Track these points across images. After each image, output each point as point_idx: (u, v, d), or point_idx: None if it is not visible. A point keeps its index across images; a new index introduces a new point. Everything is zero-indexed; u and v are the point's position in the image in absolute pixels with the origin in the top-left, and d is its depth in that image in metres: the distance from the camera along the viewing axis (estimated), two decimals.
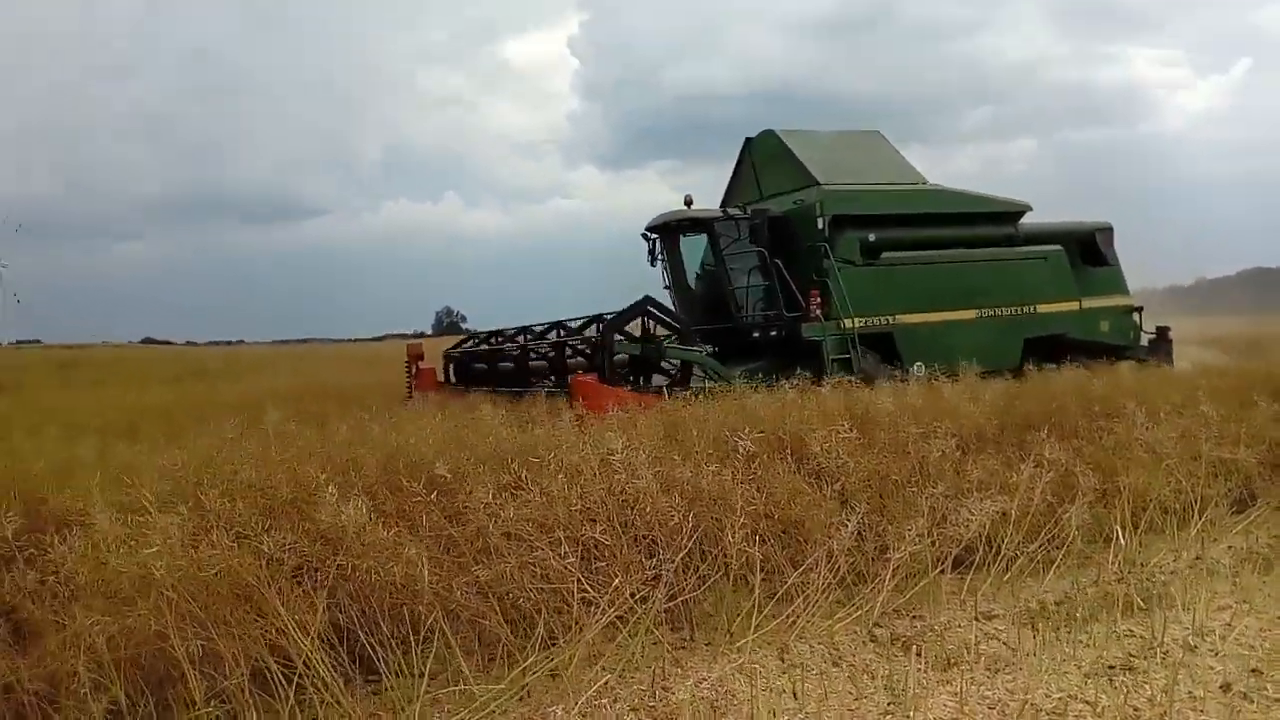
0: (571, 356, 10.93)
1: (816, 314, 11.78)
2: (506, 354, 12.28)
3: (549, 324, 12.22)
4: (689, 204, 12.35)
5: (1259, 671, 3.55)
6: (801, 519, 4.65)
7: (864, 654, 3.95)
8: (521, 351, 11.86)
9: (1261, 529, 5.46)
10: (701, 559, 4.32)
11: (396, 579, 3.64)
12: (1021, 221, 13.64)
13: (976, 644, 3.92)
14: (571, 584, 3.82)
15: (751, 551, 4.27)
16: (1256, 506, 5.84)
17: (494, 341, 13.37)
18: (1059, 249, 13.48)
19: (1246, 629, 4.01)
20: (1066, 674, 3.59)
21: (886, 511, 4.88)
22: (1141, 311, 14.12)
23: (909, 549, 4.31)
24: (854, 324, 11.69)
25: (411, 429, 6.16)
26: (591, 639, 3.66)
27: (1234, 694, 3.35)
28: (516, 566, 3.83)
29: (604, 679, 3.54)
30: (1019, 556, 4.73)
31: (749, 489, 4.60)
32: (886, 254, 12.28)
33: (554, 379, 10.65)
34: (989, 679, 3.58)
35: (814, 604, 4.22)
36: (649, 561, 4.02)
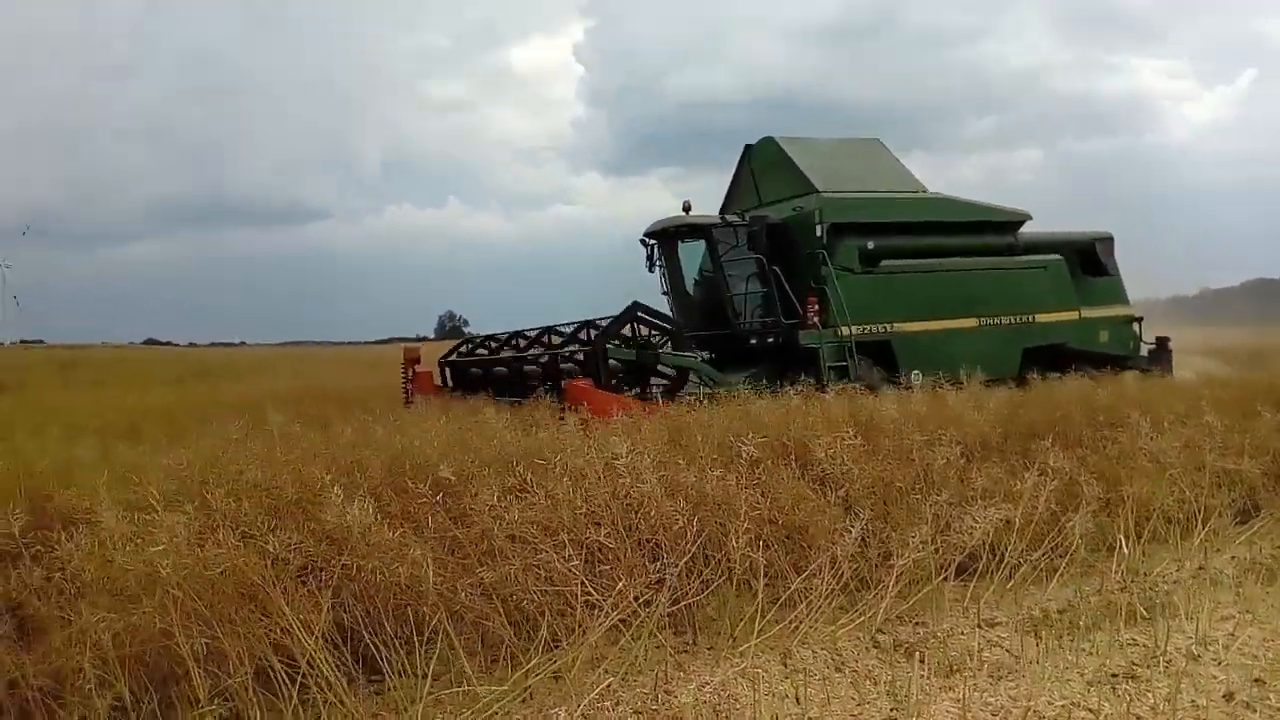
0: (565, 361, 10.93)
1: (814, 321, 11.74)
2: (501, 360, 12.27)
3: (540, 329, 12.22)
4: (687, 210, 12.36)
5: (1262, 681, 3.54)
6: (805, 525, 4.65)
7: (867, 660, 3.95)
8: (516, 359, 11.87)
9: (1265, 540, 5.46)
10: (705, 563, 4.32)
11: (401, 579, 3.65)
12: (1021, 231, 13.64)
13: (979, 651, 3.92)
14: (575, 587, 3.82)
15: (755, 556, 4.27)
16: (1260, 517, 5.84)
17: (490, 346, 13.38)
18: (1059, 258, 13.47)
19: (1250, 639, 4.01)
20: (1069, 682, 3.59)
21: (890, 518, 4.88)
22: (1141, 321, 14.09)
23: (912, 556, 4.32)
24: (851, 331, 11.66)
25: (415, 431, 6.17)
26: (595, 642, 3.66)
27: (1237, 703, 3.35)
28: (521, 569, 3.84)
29: (607, 682, 3.53)
30: (1022, 564, 4.72)
31: (753, 494, 4.60)
32: (885, 262, 12.27)
33: (549, 385, 10.65)
34: (992, 686, 3.58)
35: (817, 609, 4.22)
36: (653, 565, 4.03)
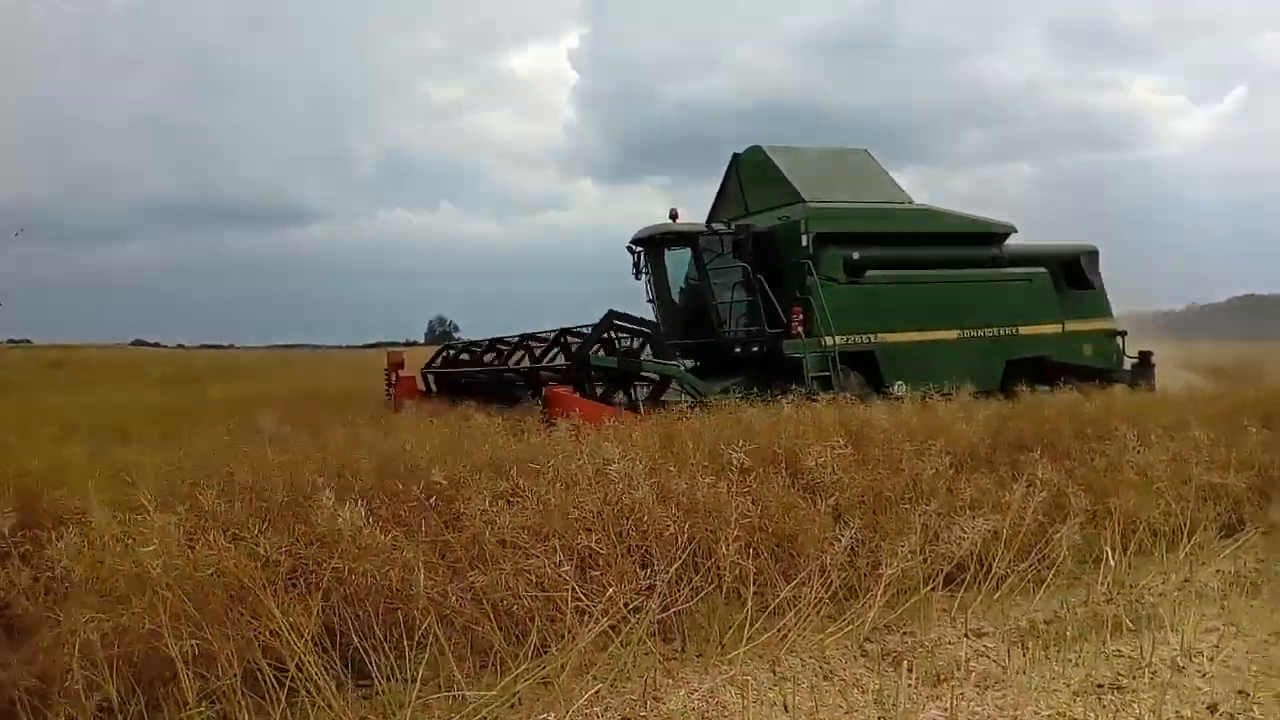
0: (547, 372, 10.88)
1: (798, 331, 11.77)
2: (485, 370, 12.25)
3: (519, 336, 12.23)
4: (674, 218, 12.37)
5: (1245, 693, 3.57)
6: (795, 533, 4.67)
7: (855, 668, 3.96)
8: (500, 370, 11.86)
9: (1249, 553, 5.50)
10: (695, 571, 4.33)
11: (392, 583, 3.65)
12: (1007, 243, 13.70)
13: (967, 661, 3.94)
14: (566, 592, 3.83)
15: (745, 564, 4.28)
16: (1245, 531, 5.88)
17: (472, 353, 13.36)
18: (1043, 271, 13.53)
19: (1234, 651, 4.04)
20: (1055, 692, 3.62)
21: (879, 527, 4.89)
22: (1125, 335, 14.14)
23: (901, 565, 4.34)
24: (835, 341, 11.69)
25: (406, 435, 6.18)
26: (584, 648, 3.67)
27: (1221, 714, 3.38)
28: (511, 573, 3.84)
29: (595, 688, 3.55)
30: (1010, 575, 4.76)
31: (744, 502, 4.61)
32: (870, 272, 12.30)
33: (532, 394, 10.62)
34: (979, 695, 3.60)
35: (806, 618, 4.24)
36: (643, 572, 4.04)
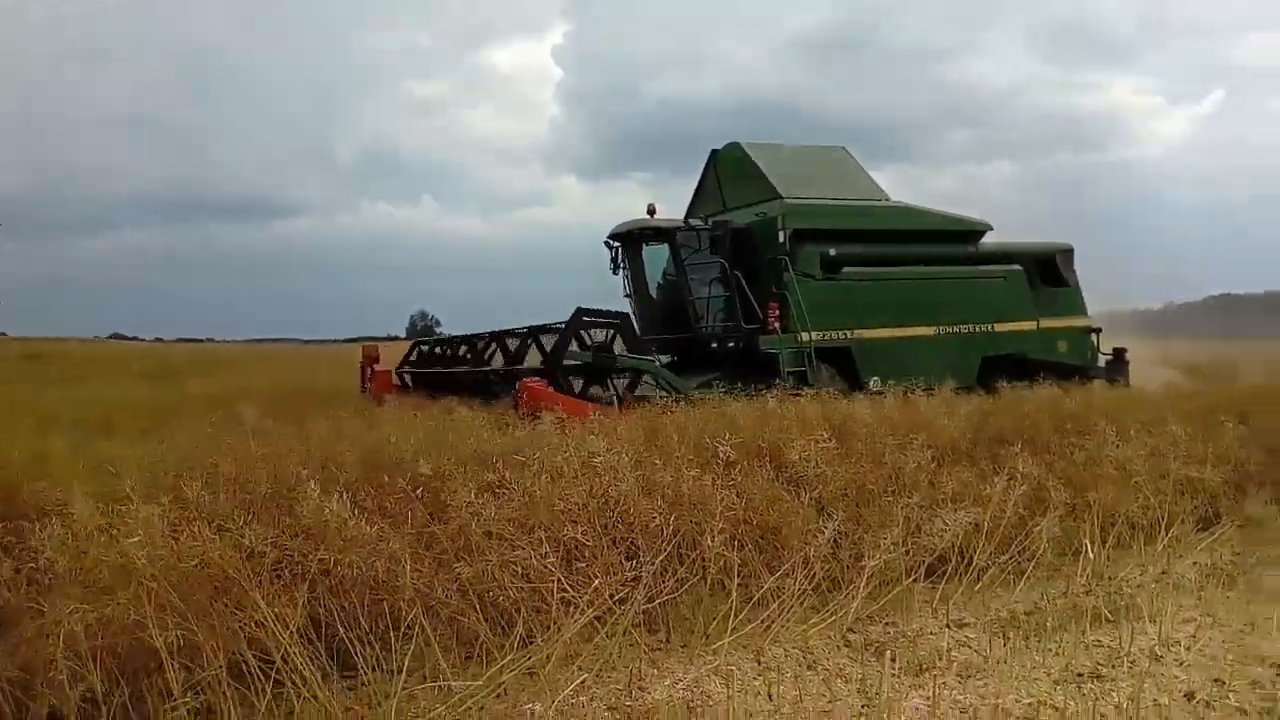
0: (523, 370, 10.81)
1: (774, 326, 11.80)
2: (459, 373, 12.18)
3: (490, 334, 12.19)
4: (652, 213, 12.40)
5: (1221, 681, 3.62)
6: (779, 525, 4.70)
7: (838, 658, 3.99)
8: (476, 371, 11.83)
9: (1225, 546, 5.56)
10: (680, 562, 4.35)
11: (378, 574, 3.65)
12: (983, 241, 13.79)
13: (948, 651, 3.98)
14: (551, 584, 3.84)
15: (729, 556, 4.31)
16: (1221, 524, 5.96)
17: (444, 351, 13.31)
18: (1018, 269, 13.62)
19: (1210, 640, 4.10)
20: (1036, 681, 3.66)
21: (862, 520, 4.93)
22: (1099, 333, 14.26)
23: (883, 557, 4.37)
24: (811, 337, 11.74)
25: (390, 428, 6.17)
26: (569, 638, 3.69)
27: (1198, 702, 3.43)
28: (497, 565, 3.85)
29: (581, 678, 3.54)
30: (991, 567, 4.80)
31: (728, 495, 4.64)
32: (846, 269, 12.35)
33: (499, 390, 10.56)
34: (961, 684, 3.63)
35: (789, 609, 4.27)
36: (629, 563, 4.05)
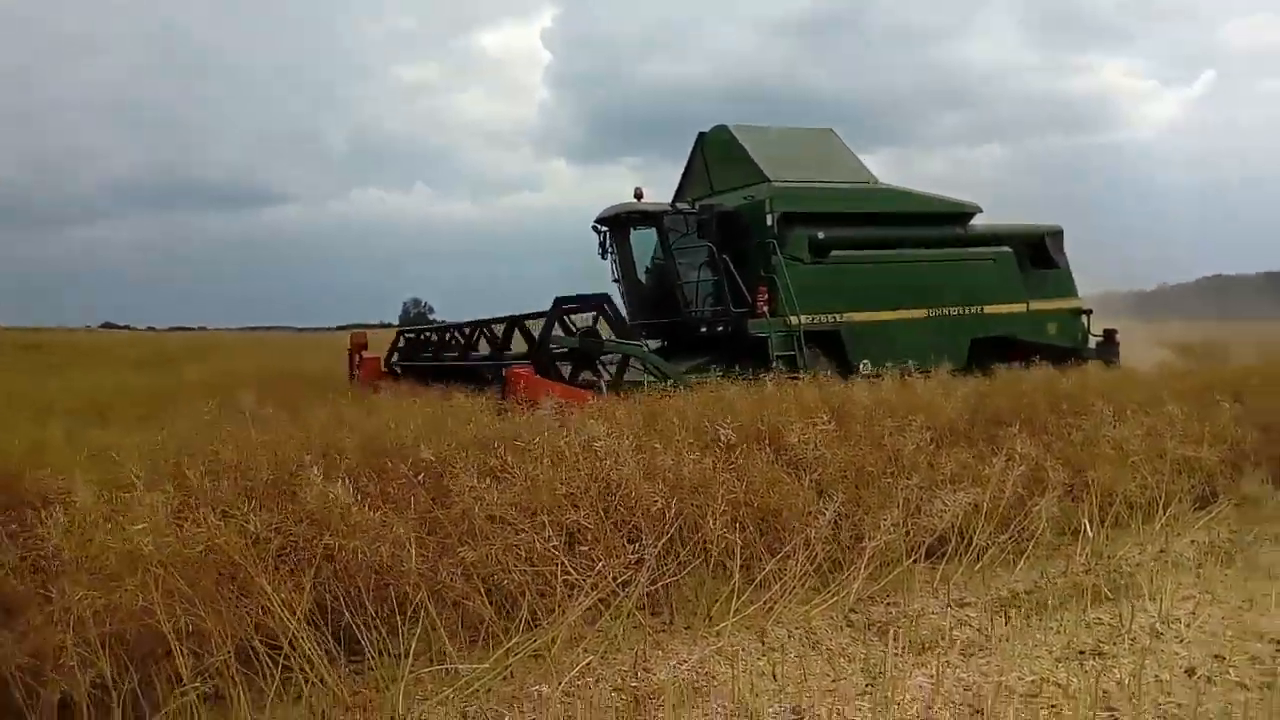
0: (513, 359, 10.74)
1: (763, 310, 11.77)
2: (446, 366, 12.10)
3: (472, 323, 12.17)
4: (639, 197, 12.34)
5: (1221, 657, 3.67)
6: (779, 508, 4.71)
7: (840, 638, 4.03)
8: (460, 355, 11.81)
9: (1223, 525, 5.60)
10: (682, 545, 4.37)
11: (383, 559, 3.66)
12: (972, 223, 13.76)
13: (950, 630, 4.02)
14: (555, 567, 3.86)
15: (731, 538, 4.34)
16: (1218, 503, 5.99)
17: (429, 339, 13.28)
18: (1008, 251, 13.59)
19: (1210, 617, 4.14)
20: (1038, 658, 3.70)
21: (862, 502, 4.95)
22: (1090, 314, 14.25)
23: (884, 538, 4.40)
24: (800, 321, 11.71)
25: (389, 414, 6.17)
26: (574, 621, 3.71)
27: (1199, 677, 3.47)
28: (501, 549, 3.86)
29: (586, 660, 3.58)
30: (990, 547, 4.83)
31: (729, 478, 4.66)
32: (835, 252, 12.30)
33: (491, 377, 10.53)
34: (964, 663, 3.67)
35: (791, 590, 4.30)
36: (631, 546, 4.07)
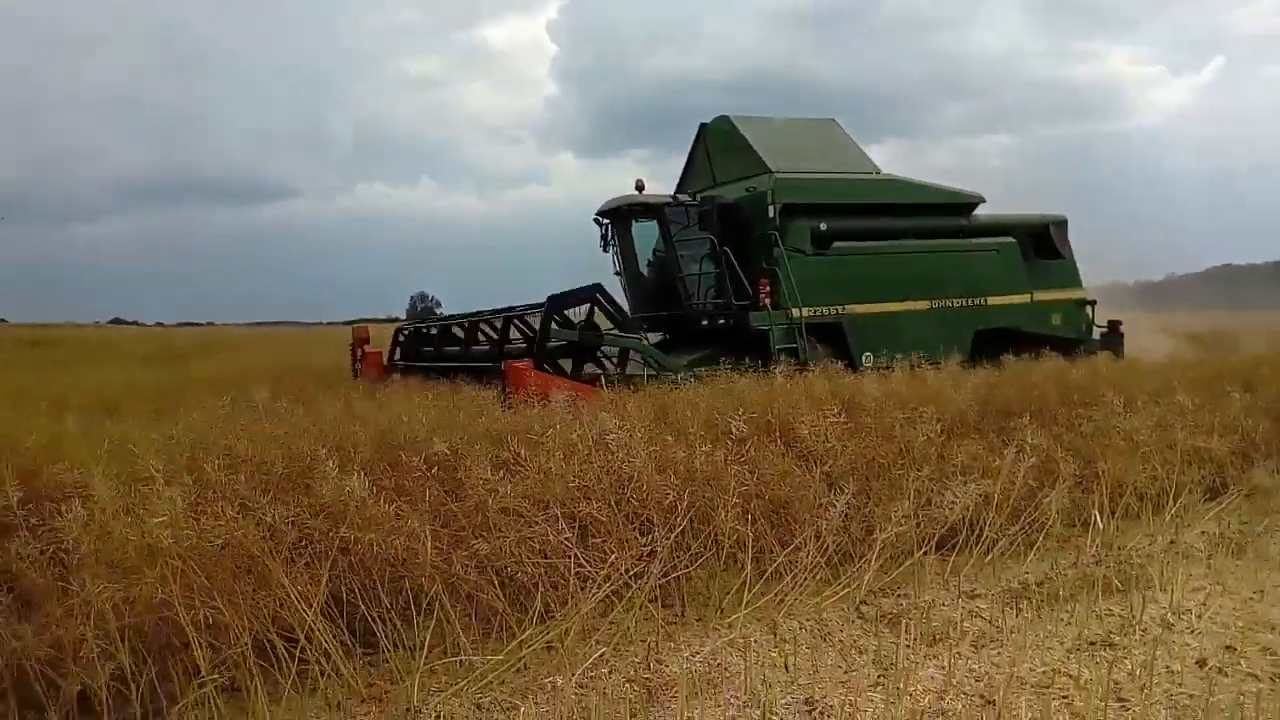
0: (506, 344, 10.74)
1: (765, 303, 11.68)
2: (450, 358, 12.05)
3: (471, 315, 12.16)
4: (640, 189, 12.27)
5: (1233, 648, 3.68)
6: (790, 499, 4.73)
7: (852, 630, 4.05)
8: (462, 349, 11.82)
9: (1233, 515, 5.61)
10: (694, 537, 4.39)
11: (398, 552, 3.69)
12: (975, 213, 13.68)
13: (961, 621, 4.03)
14: (568, 559, 3.89)
15: (742, 530, 4.36)
16: (1229, 494, 6.00)
17: (429, 333, 13.32)
18: (1011, 241, 13.50)
19: (1221, 608, 4.16)
20: (1050, 650, 3.71)
21: (872, 493, 4.97)
22: (1094, 305, 14.19)
23: (894, 530, 4.42)
24: (802, 313, 11.62)
25: (400, 408, 6.20)
26: (587, 613, 3.74)
27: (1210, 668, 3.48)
28: (514, 541, 3.89)
29: (599, 652, 3.61)
30: (1001, 539, 4.84)
31: (740, 470, 4.68)
32: (837, 243, 12.20)
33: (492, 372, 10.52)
34: (975, 654, 3.69)
35: (802, 582, 4.33)
36: (643, 539, 4.09)
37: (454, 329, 12.52)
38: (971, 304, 12.92)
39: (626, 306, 11.78)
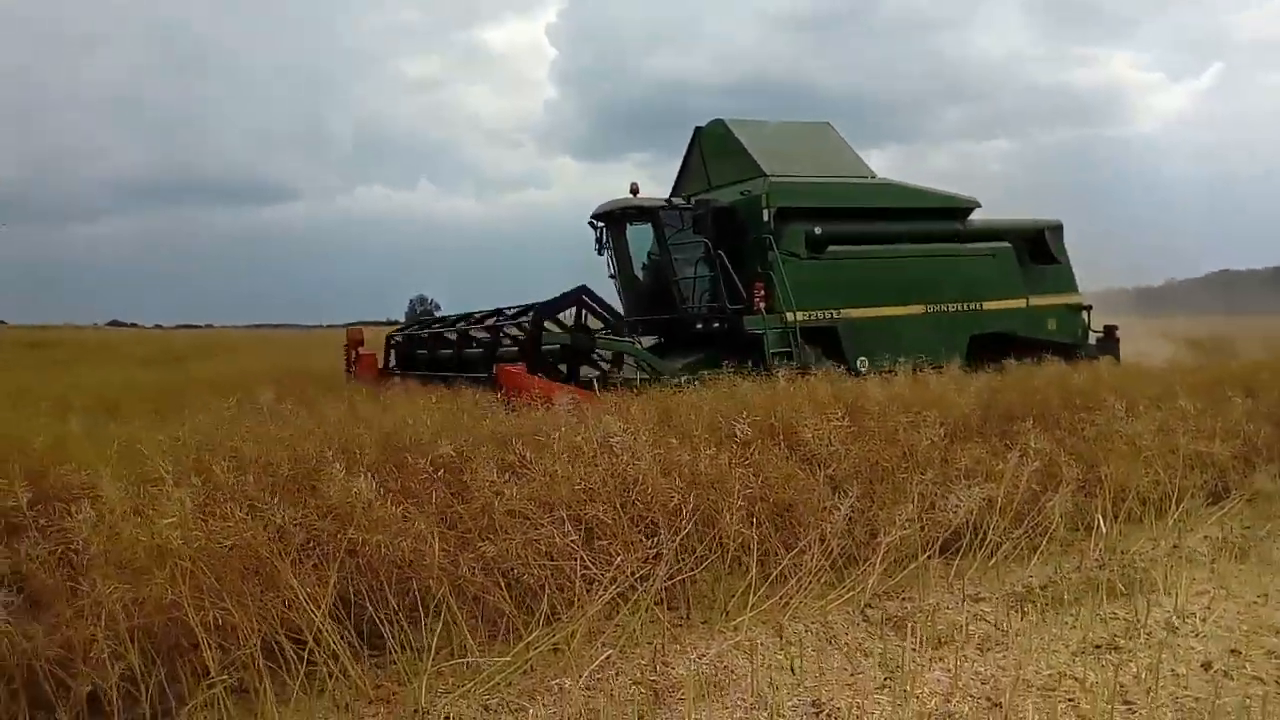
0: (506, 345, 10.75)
1: (759, 307, 11.67)
2: (443, 361, 12.07)
3: (457, 320, 12.18)
4: (635, 192, 12.27)
5: (1238, 651, 3.70)
6: (794, 503, 4.75)
7: (857, 633, 4.05)
8: (456, 352, 11.82)
9: (1235, 519, 5.63)
10: (699, 540, 4.40)
11: (405, 554, 3.70)
12: (970, 218, 13.69)
13: (966, 625, 4.04)
14: (574, 562, 3.89)
15: (747, 533, 4.37)
16: (1231, 498, 6.01)
17: (421, 336, 13.33)
18: (1007, 246, 13.50)
19: (1225, 612, 4.17)
20: (1055, 653, 3.72)
21: (876, 497, 4.98)
22: (1090, 310, 14.21)
23: (899, 533, 4.43)
24: (796, 318, 11.61)
25: (404, 411, 6.21)
26: (593, 615, 3.74)
27: (1215, 672, 3.49)
28: (520, 543, 3.90)
29: (606, 654, 3.61)
30: (1005, 542, 4.85)
31: (745, 473, 4.69)
32: (832, 248, 12.20)
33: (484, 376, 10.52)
34: (981, 657, 3.70)
35: (807, 585, 4.33)
36: (649, 541, 4.10)
37: (445, 333, 12.53)
38: (967, 309, 12.93)
39: (621, 310, 11.79)
